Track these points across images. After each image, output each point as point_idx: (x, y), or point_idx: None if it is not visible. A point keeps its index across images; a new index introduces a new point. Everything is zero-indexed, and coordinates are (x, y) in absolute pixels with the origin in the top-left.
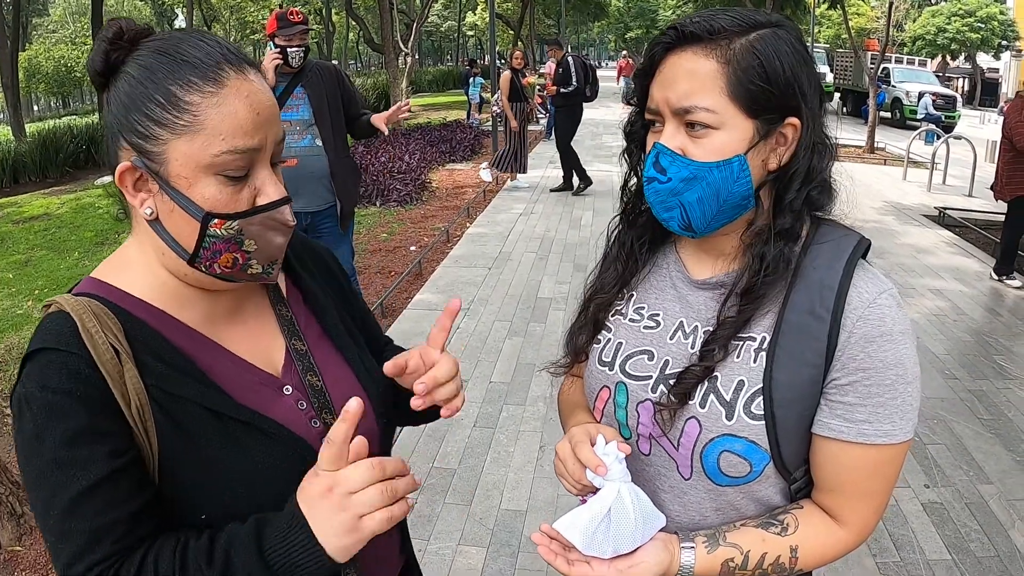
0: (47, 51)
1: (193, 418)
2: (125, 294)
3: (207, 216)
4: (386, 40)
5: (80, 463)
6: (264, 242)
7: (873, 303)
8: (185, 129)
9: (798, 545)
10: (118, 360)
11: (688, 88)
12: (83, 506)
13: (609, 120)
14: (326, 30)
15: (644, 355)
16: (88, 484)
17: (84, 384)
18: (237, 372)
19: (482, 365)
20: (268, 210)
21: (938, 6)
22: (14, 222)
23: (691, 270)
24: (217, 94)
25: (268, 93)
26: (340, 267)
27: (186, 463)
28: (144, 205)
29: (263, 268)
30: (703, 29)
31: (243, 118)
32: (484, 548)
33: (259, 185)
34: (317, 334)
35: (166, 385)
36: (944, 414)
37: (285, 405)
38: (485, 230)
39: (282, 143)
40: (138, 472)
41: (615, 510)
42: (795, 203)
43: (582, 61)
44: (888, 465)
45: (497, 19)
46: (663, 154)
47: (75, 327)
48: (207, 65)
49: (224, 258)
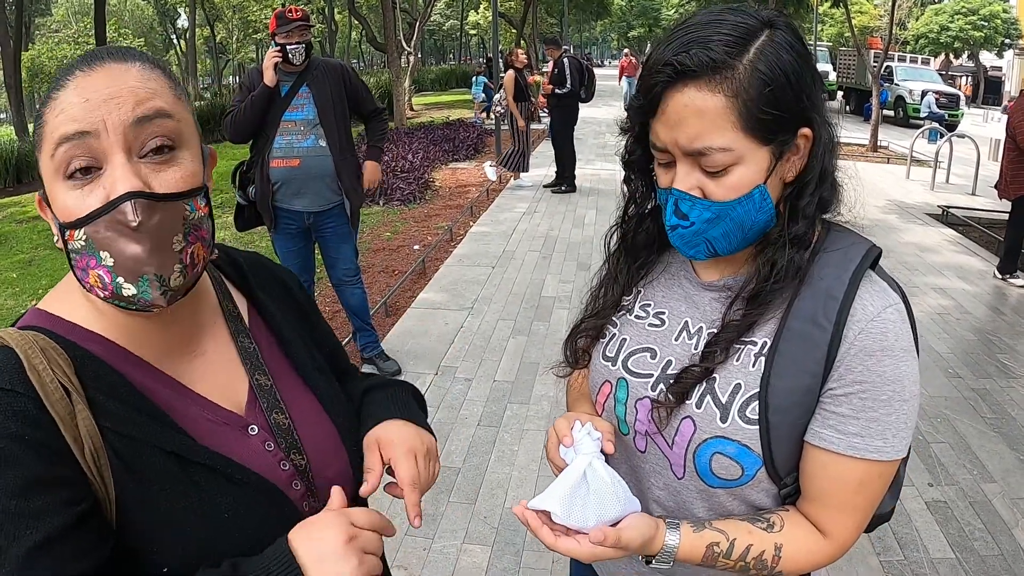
0: (50, 51)
1: (151, 462)
2: (73, 326)
3: (62, 227)
4: (389, 39)
5: (34, 514)
6: (116, 251)
7: (877, 317)
8: (39, 141)
9: (783, 544)
10: (68, 400)
11: (699, 129)
12: (39, 560)
13: (612, 119)
14: (329, 29)
15: (647, 353)
16: (43, 537)
17: (32, 427)
18: (198, 411)
19: (486, 364)
20: (106, 212)
21: (941, 4)
22: (17, 221)
23: (699, 272)
24: (56, 98)
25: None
26: (304, 292)
27: (145, 511)
28: (53, 228)
29: (136, 288)
30: (702, 63)
31: (71, 108)
32: (488, 547)
33: (110, 184)
34: (282, 367)
35: (121, 427)
36: (948, 413)
37: (252, 447)
38: (488, 229)
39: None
40: (97, 522)
41: (591, 477)
42: (808, 208)
43: (578, 62)
44: (875, 481)
45: (500, 18)
46: (682, 200)
47: (20, 364)
48: (60, 76)
49: (92, 277)
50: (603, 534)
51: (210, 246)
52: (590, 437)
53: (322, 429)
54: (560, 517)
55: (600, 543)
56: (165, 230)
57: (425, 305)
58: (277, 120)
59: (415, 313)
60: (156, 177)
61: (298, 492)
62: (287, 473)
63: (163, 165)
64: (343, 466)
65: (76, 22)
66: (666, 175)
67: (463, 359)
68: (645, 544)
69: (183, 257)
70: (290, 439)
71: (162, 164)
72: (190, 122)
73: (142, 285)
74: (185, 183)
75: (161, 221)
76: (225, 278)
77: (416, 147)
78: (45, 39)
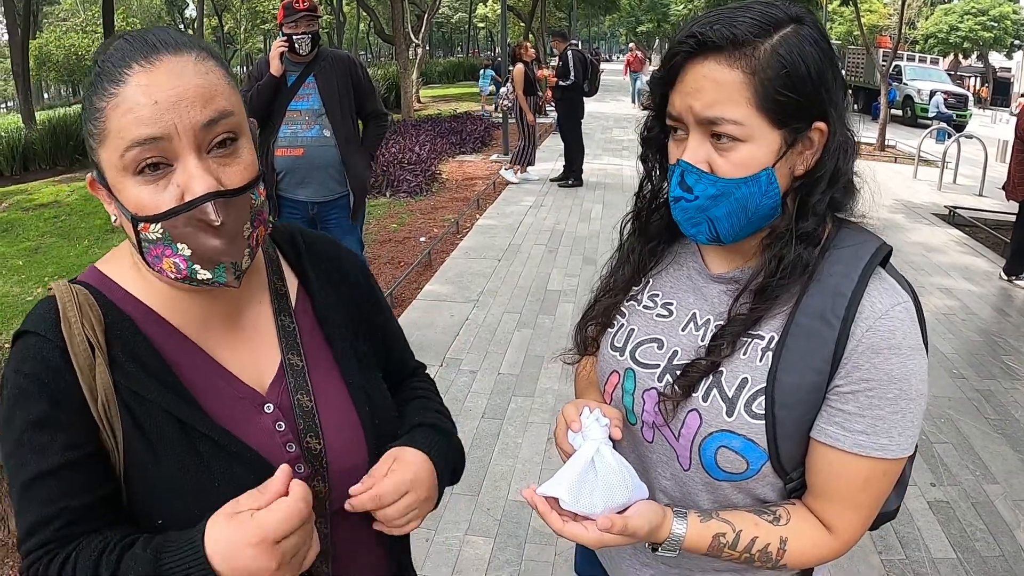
0: (58, 39)
1: (158, 424)
2: (119, 288)
3: (134, 219)
4: (397, 31)
5: (37, 449)
6: (196, 244)
7: (885, 315)
8: (102, 136)
9: (788, 537)
10: (92, 354)
11: (714, 98)
12: (34, 490)
13: (619, 114)
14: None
15: (654, 343)
16: (40, 470)
17: (53, 373)
18: (216, 383)
19: (491, 356)
20: (188, 209)
21: (951, 4)
22: (24, 209)
23: (709, 264)
24: (118, 94)
25: (179, 75)
26: (366, 277)
27: (146, 469)
28: (111, 212)
29: (212, 273)
30: (724, 38)
31: (140, 110)
32: (491, 539)
33: (184, 181)
34: (320, 350)
35: (135, 386)
36: (951, 413)
37: (260, 425)
38: (495, 222)
39: (219, 123)
40: (94, 467)
41: (599, 463)
42: (819, 206)
43: (583, 55)
44: (880, 479)
45: (508, 11)
46: (688, 172)
47: (57, 315)
48: (114, 67)
49: (166, 264)
50: (610, 521)
51: (268, 225)
52: (598, 423)
53: (345, 418)
54: (568, 503)
55: (607, 530)
56: (238, 221)
57: (431, 297)
58: (283, 109)
59: (421, 305)
60: (224, 170)
61: (300, 475)
62: (292, 455)
63: (228, 157)
64: (361, 459)
65: (84, 10)
66: (677, 149)
67: (468, 351)
68: (652, 532)
69: (250, 241)
70: (310, 422)
71: (227, 156)
72: (241, 108)
73: (218, 271)
74: (249, 173)
75: (235, 214)
76: (281, 256)
77: (423, 139)
78: (53, 27)
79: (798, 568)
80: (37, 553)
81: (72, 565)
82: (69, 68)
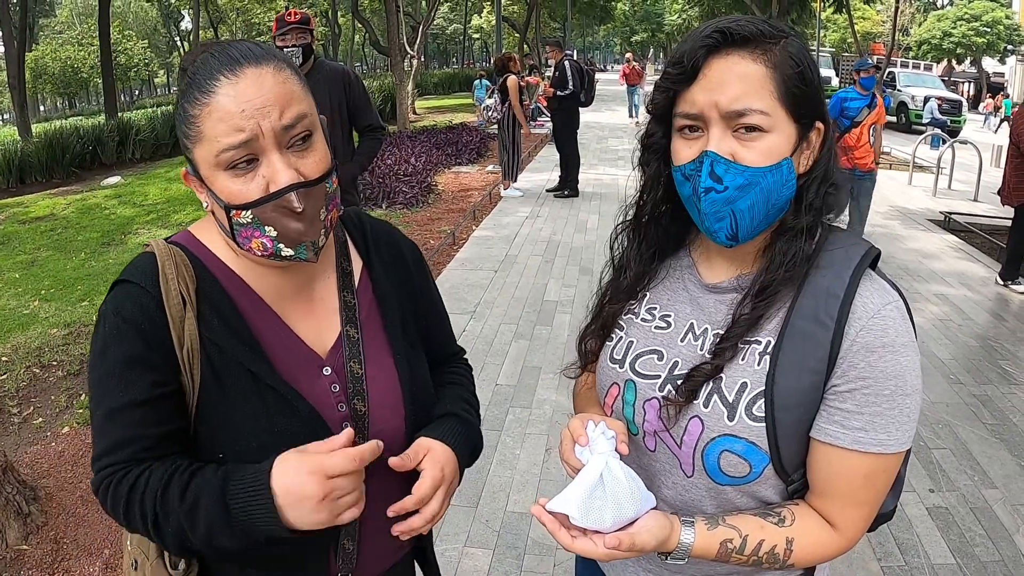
0: (54, 52)
1: (232, 374)
2: (209, 252)
3: (227, 207)
4: (392, 42)
5: (128, 382)
6: (281, 227)
7: (877, 314)
8: (196, 139)
9: (794, 538)
10: (183, 307)
11: (741, 91)
12: (119, 416)
13: (615, 124)
14: (332, 32)
15: (654, 355)
16: (128, 401)
17: (149, 320)
18: (285, 344)
19: (488, 368)
20: (274, 199)
21: (944, 10)
22: (20, 222)
23: (704, 275)
24: (208, 104)
25: (261, 85)
26: (420, 265)
27: (216, 410)
28: (203, 199)
29: (295, 251)
30: (751, 32)
31: (229, 118)
32: (490, 550)
33: (269, 174)
34: (375, 326)
35: (218, 339)
36: (949, 419)
37: (319, 385)
38: (491, 233)
39: (297, 125)
40: (173, 404)
41: (607, 478)
42: (815, 203)
43: (579, 65)
44: (880, 475)
45: (503, 22)
46: (717, 163)
47: (156, 269)
48: (204, 79)
49: (255, 243)
50: (617, 540)
51: (340, 208)
52: (604, 436)
53: (389, 386)
54: (577, 520)
55: (615, 548)
56: (316, 207)
57: None
58: None
59: None
60: (302, 162)
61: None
62: (341, 414)
63: (305, 152)
64: (398, 423)
65: (80, 23)
66: (688, 147)
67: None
68: (660, 545)
69: (326, 223)
70: (358, 386)
71: (305, 151)
72: (314, 108)
73: (300, 249)
74: (323, 164)
75: (314, 201)
76: (350, 239)
77: (419, 150)
78: (49, 40)
79: (805, 566)
80: (110, 470)
81: (144, 480)
82: (65, 81)
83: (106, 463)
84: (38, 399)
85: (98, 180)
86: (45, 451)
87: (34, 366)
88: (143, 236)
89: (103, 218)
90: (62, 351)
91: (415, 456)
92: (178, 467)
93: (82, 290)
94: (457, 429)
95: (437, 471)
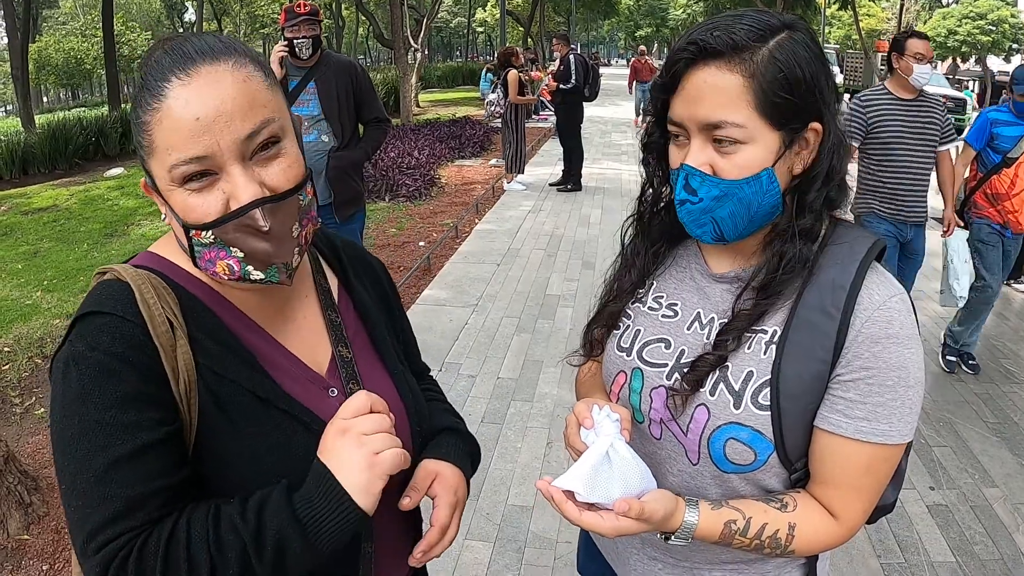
0: (57, 43)
1: (237, 401)
2: (181, 270)
3: (186, 226)
4: (396, 35)
5: (126, 427)
6: (247, 248)
7: (883, 305)
8: (150, 150)
9: (796, 523)
10: (172, 334)
11: (716, 104)
12: (123, 471)
13: (618, 118)
14: (336, 25)
15: (661, 343)
16: (132, 448)
17: (137, 351)
18: (286, 365)
19: (490, 361)
20: (234, 218)
21: (949, 8)
22: (23, 213)
23: (710, 264)
24: (159, 110)
25: (217, 87)
26: (391, 282)
27: (223, 444)
28: (163, 211)
29: (265, 274)
30: (724, 44)
31: (183, 127)
32: (491, 543)
33: (230, 189)
34: (364, 344)
35: (215, 365)
36: (950, 417)
37: (330, 405)
38: (494, 226)
39: (261, 131)
40: (181, 445)
41: (613, 457)
42: (815, 203)
43: (584, 60)
44: (881, 465)
45: (507, 15)
46: (692, 175)
47: (133, 297)
48: (156, 81)
49: (220, 266)
50: (627, 504)
51: (316, 221)
52: (610, 419)
53: (392, 405)
54: (584, 495)
55: (624, 514)
56: (286, 223)
57: (430, 302)
58: None
59: (420, 310)
60: (268, 173)
61: None
62: None
63: (272, 159)
64: (405, 440)
65: (83, 15)
66: (679, 153)
67: (467, 356)
68: (666, 517)
69: (300, 240)
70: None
71: (271, 159)
72: (284, 109)
73: (271, 272)
74: (294, 173)
75: (283, 217)
76: (321, 256)
77: (422, 144)
78: (52, 31)
79: (805, 554)
80: (124, 539)
81: (184, 529)
82: (68, 72)
83: (114, 533)
84: (40, 389)
85: (101, 171)
86: (46, 441)
87: (36, 356)
88: (145, 227)
89: (106, 209)
90: None
91: (423, 486)
92: (219, 502)
93: (84, 281)
94: (458, 445)
95: (451, 496)
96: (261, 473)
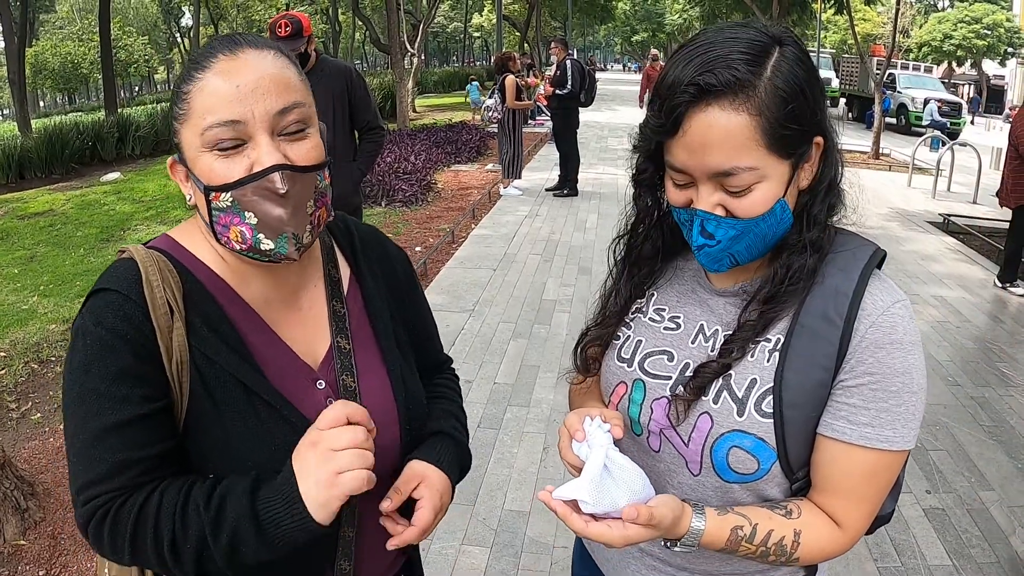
0: (54, 47)
1: (224, 387)
2: (194, 257)
3: (207, 189)
4: (392, 40)
5: (117, 399)
6: (262, 213)
7: (887, 311)
8: (185, 116)
9: (801, 530)
10: (170, 316)
11: (726, 151)
12: (110, 438)
13: (614, 123)
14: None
15: (664, 355)
16: (121, 419)
17: (135, 329)
18: (277, 355)
19: (486, 366)
20: (256, 179)
21: (944, 13)
22: (19, 218)
23: (714, 280)
24: (202, 79)
25: (258, 66)
26: (410, 275)
27: (207, 426)
28: (186, 191)
29: (275, 243)
30: (726, 82)
31: (222, 93)
32: (487, 548)
33: (255, 156)
34: (366, 336)
35: (207, 349)
36: (946, 420)
37: (314, 398)
38: (490, 232)
39: (292, 111)
40: (167, 420)
41: (612, 467)
42: (820, 215)
43: (581, 65)
44: (884, 471)
45: (504, 21)
46: (708, 221)
47: (139, 276)
48: (202, 56)
49: (233, 232)
50: (636, 511)
51: (330, 210)
52: (600, 429)
53: (383, 400)
54: (589, 506)
55: (633, 520)
56: (303, 196)
57: None
58: None
59: None
60: (292, 148)
61: None
62: None
63: (297, 139)
64: (393, 437)
65: (80, 19)
66: (681, 194)
67: (463, 361)
68: (674, 523)
69: (313, 219)
70: (352, 400)
71: (297, 139)
72: (313, 105)
73: (280, 241)
74: (316, 155)
75: (301, 189)
76: (336, 245)
77: (418, 149)
78: (49, 35)
79: (808, 563)
80: (105, 498)
81: (157, 500)
82: (65, 76)
83: (98, 492)
84: (36, 395)
85: (97, 176)
86: (43, 446)
87: (32, 361)
88: (142, 232)
89: (102, 214)
90: (60, 347)
91: (407, 488)
92: (194, 480)
93: (81, 286)
94: (450, 450)
95: (436, 499)
96: (237, 459)
